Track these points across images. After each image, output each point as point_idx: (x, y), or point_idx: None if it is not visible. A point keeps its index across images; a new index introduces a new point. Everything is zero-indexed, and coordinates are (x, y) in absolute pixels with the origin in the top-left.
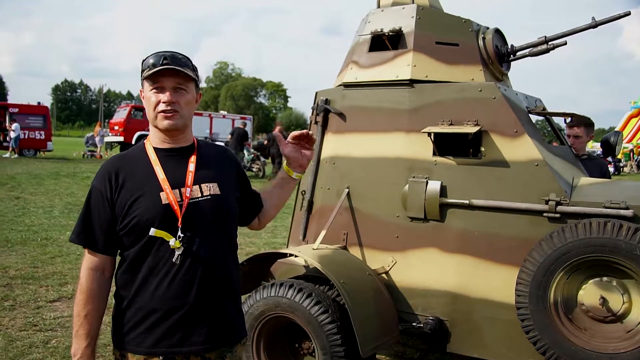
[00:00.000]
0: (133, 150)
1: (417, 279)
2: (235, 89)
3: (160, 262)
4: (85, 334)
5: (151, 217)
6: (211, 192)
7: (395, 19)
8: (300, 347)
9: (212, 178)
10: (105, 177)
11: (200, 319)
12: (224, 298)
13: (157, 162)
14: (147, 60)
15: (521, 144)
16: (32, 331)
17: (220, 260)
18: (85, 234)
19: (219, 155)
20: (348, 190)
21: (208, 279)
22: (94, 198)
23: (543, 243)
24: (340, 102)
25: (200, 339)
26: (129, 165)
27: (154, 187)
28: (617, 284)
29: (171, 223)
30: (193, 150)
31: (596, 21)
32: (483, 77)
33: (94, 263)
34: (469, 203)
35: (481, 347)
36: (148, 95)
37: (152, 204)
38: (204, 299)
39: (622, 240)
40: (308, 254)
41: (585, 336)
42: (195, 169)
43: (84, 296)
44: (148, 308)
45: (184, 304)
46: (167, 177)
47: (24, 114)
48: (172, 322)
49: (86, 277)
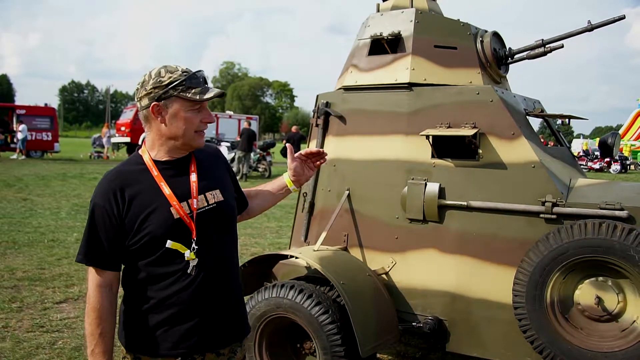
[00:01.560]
0: (130, 165)
1: (416, 280)
2: (242, 88)
3: (176, 272)
4: (102, 353)
5: (165, 231)
6: (216, 199)
7: (394, 23)
8: (301, 347)
9: (214, 185)
10: (109, 194)
11: (216, 321)
12: (235, 297)
13: (161, 178)
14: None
15: (518, 146)
16: (39, 332)
17: (230, 263)
18: (93, 253)
19: (214, 159)
20: (348, 192)
21: (221, 284)
22: (99, 216)
23: (540, 244)
24: (341, 105)
25: (216, 338)
26: (131, 181)
27: (163, 203)
28: (612, 284)
29: (185, 236)
30: (191, 159)
31: (592, 24)
32: (481, 80)
33: (102, 281)
34: (467, 204)
35: (480, 347)
36: (188, 115)
37: (164, 219)
38: (218, 303)
39: (617, 240)
40: (309, 255)
41: (581, 335)
42: (197, 178)
43: (97, 314)
44: (165, 315)
45: (200, 310)
46: (173, 191)
47: (31, 115)
48: (188, 326)
49: (96, 296)
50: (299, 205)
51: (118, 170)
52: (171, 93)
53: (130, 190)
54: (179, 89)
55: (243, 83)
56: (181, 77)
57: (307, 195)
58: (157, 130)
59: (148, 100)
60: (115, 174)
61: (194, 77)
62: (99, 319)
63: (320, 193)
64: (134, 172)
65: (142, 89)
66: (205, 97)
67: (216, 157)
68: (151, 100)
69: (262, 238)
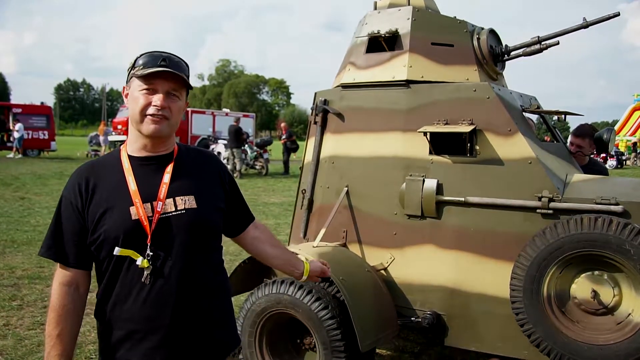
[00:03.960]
0: (107, 157)
1: (414, 275)
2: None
3: (132, 281)
4: (58, 355)
5: (118, 234)
6: (186, 205)
7: (392, 20)
8: (301, 343)
9: (189, 190)
10: (75, 186)
11: (181, 339)
12: (206, 313)
13: (130, 172)
14: (142, 58)
15: (515, 142)
16: (40, 330)
17: (197, 277)
18: (56, 247)
19: (203, 164)
20: (347, 189)
21: (184, 298)
22: (64, 208)
23: (536, 239)
24: (339, 102)
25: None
26: (100, 173)
27: (124, 200)
28: (607, 278)
29: (140, 240)
30: (171, 159)
31: (587, 22)
32: (478, 77)
33: (66, 278)
34: (465, 200)
35: (477, 341)
36: (136, 95)
37: (121, 219)
38: (182, 318)
39: (612, 235)
40: (308, 251)
41: (577, 328)
42: (170, 180)
43: (56, 314)
44: (126, 329)
45: (160, 325)
46: (140, 189)
47: (27, 114)
48: (151, 343)
49: (58, 294)
50: (297, 202)
51: (92, 162)
52: (131, 73)
53: (95, 182)
54: (137, 68)
55: (239, 81)
56: (144, 55)
57: (305, 192)
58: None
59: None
60: (87, 165)
61: (150, 56)
62: (57, 318)
63: (319, 190)
64: (106, 164)
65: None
66: (145, 72)
67: (209, 164)
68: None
69: None
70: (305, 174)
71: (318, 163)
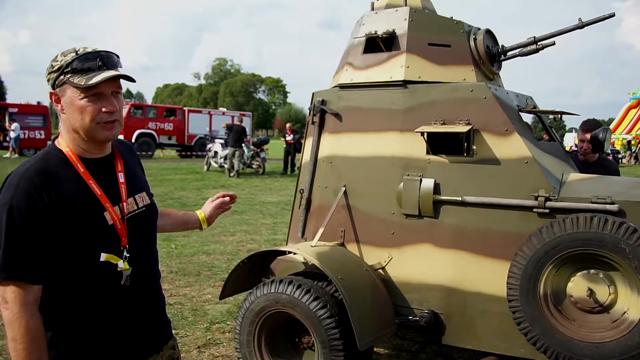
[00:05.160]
0: (50, 159)
1: (412, 274)
2: (235, 85)
3: (108, 286)
4: None
5: (98, 241)
6: (144, 202)
7: (389, 21)
8: (300, 342)
9: (140, 187)
10: (31, 196)
11: (150, 329)
12: (160, 305)
13: (89, 176)
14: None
15: (511, 142)
16: None
17: (155, 270)
18: (18, 265)
19: (131, 156)
20: (345, 188)
21: (151, 292)
22: (21, 220)
23: (533, 237)
24: (336, 102)
25: (152, 344)
26: (56, 179)
27: (93, 206)
28: (603, 276)
29: (115, 244)
30: (115, 157)
31: (582, 22)
32: (474, 77)
33: (30, 297)
34: (462, 200)
35: (475, 339)
36: (81, 104)
37: (97, 226)
38: (149, 312)
39: (608, 234)
40: (306, 251)
41: (573, 327)
42: (125, 179)
43: (31, 336)
44: (101, 333)
45: (135, 322)
46: (104, 192)
47: (24, 113)
48: (127, 339)
49: (26, 317)
50: (295, 201)
51: (38, 168)
52: (62, 79)
53: (56, 189)
54: (69, 74)
55: (236, 79)
56: (70, 59)
57: (304, 192)
58: (63, 121)
59: (49, 86)
60: (35, 172)
61: (85, 59)
62: (33, 342)
63: (317, 190)
64: (56, 169)
65: (47, 76)
66: (91, 82)
67: (133, 154)
68: (50, 87)
69: (258, 234)
70: (303, 174)
71: (316, 163)
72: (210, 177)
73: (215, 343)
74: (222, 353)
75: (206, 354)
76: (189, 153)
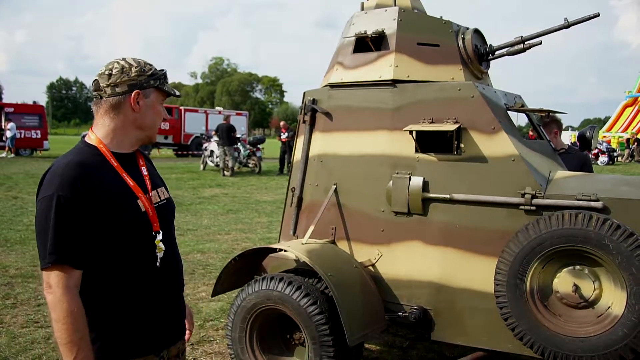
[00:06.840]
0: (85, 154)
1: (402, 271)
2: (231, 84)
3: (145, 268)
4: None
5: (134, 227)
6: (165, 195)
7: (378, 21)
8: (291, 338)
9: (160, 181)
10: (75, 186)
11: (178, 314)
12: (182, 294)
13: (121, 169)
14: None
15: (498, 140)
16: (33, 328)
17: (179, 259)
18: (65, 251)
19: (144, 155)
20: (335, 186)
21: (179, 277)
22: (68, 209)
23: (519, 234)
24: (327, 102)
25: (178, 330)
26: (93, 173)
27: (129, 196)
28: (588, 272)
29: (149, 229)
30: (137, 154)
31: (568, 22)
32: (463, 76)
33: (73, 281)
34: (450, 197)
35: (463, 335)
36: (160, 108)
37: (133, 213)
38: (178, 296)
39: (592, 230)
40: (297, 248)
41: (559, 322)
42: (147, 173)
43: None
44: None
45: (168, 304)
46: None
47: (20, 113)
48: (161, 321)
49: (68, 299)
50: (287, 200)
51: (77, 161)
52: (152, 83)
53: (94, 180)
54: (159, 81)
55: (232, 79)
56: (159, 71)
57: (295, 190)
58: (125, 119)
59: (128, 87)
60: (75, 165)
61: (159, 70)
62: (76, 323)
63: (308, 188)
64: (91, 163)
65: (122, 75)
66: (172, 92)
67: (144, 154)
68: (132, 87)
69: (253, 233)
70: (294, 172)
71: (307, 161)
72: (207, 177)
73: (209, 340)
74: (215, 350)
75: (199, 350)
76: (185, 152)
